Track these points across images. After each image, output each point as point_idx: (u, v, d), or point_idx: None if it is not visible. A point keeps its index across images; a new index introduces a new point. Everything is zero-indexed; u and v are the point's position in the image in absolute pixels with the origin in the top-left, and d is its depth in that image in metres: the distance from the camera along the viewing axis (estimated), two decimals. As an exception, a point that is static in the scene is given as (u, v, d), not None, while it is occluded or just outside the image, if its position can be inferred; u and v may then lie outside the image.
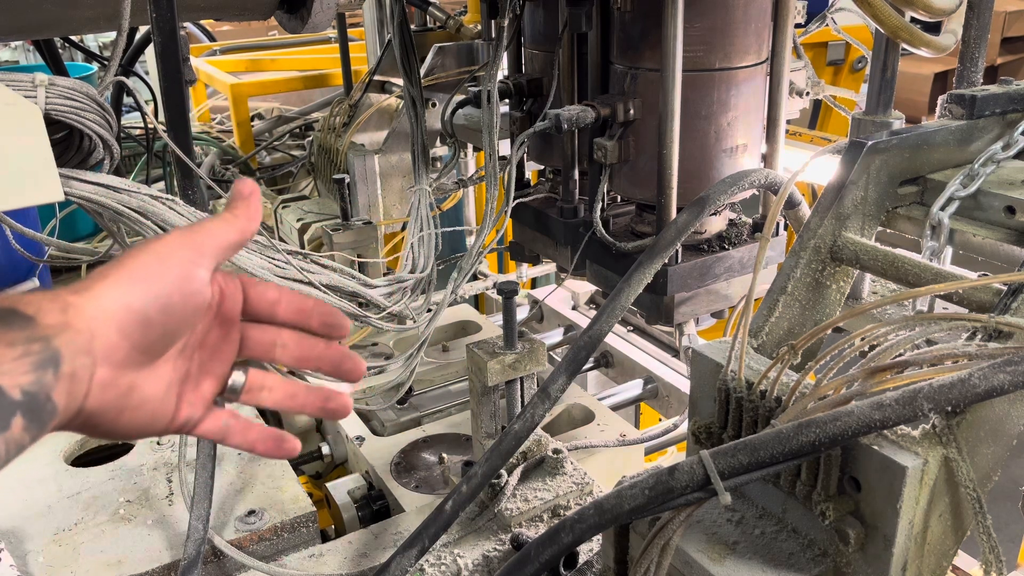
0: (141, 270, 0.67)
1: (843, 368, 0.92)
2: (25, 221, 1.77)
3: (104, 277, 0.66)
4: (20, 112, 1.08)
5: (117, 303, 0.65)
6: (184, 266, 0.70)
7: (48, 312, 0.61)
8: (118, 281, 0.66)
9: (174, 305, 0.69)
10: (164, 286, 0.68)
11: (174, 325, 0.70)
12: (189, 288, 0.70)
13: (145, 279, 0.67)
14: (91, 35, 5.60)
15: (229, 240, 0.75)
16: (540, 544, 0.92)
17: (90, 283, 0.65)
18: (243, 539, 1.54)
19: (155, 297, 0.67)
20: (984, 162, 1.18)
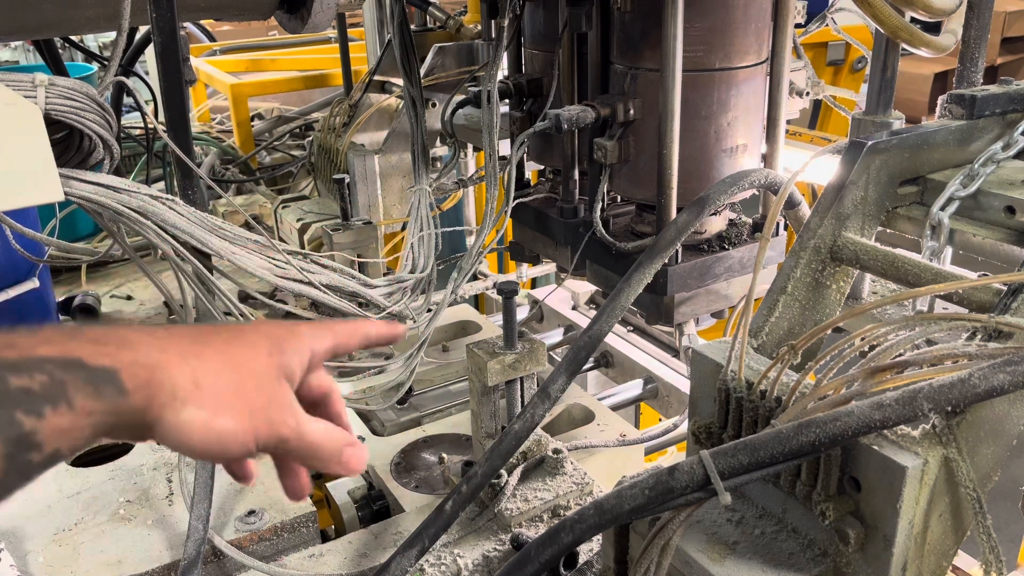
0: (226, 427, 0.67)
1: (843, 368, 0.92)
2: (25, 221, 1.77)
3: (200, 407, 0.65)
4: (20, 112, 1.08)
5: (186, 435, 0.65)
6: (246, 449, 0.70)
7: (140, 397, 0.62)
8: (205, 423, 0.66)
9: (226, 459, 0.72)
10: (225, 451, 0.68)
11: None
12: (275, 438, 0.72)
13: (218, 441, 0.67)
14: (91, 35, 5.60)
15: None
16: (540, 544, 0.92)
17: (188, 398, 0.65)
18: (243, 539, 1.54)
19: (214, 453, 0.68)
20: (984, 162, 1.18)
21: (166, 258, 1.43)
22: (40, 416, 0.55)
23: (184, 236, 1.38)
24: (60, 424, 0.56)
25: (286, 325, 0.78)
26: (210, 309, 1.49)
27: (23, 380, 0.56)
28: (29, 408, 0.55)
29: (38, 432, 0.55)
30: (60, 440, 0.57)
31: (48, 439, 0.56)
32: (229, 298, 1.51)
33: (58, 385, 0.57)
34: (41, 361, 0.57)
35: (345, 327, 0.83)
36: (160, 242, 1.38)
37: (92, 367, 0.59)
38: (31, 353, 0.57)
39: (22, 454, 0.55)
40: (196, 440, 0.65)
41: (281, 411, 0.72)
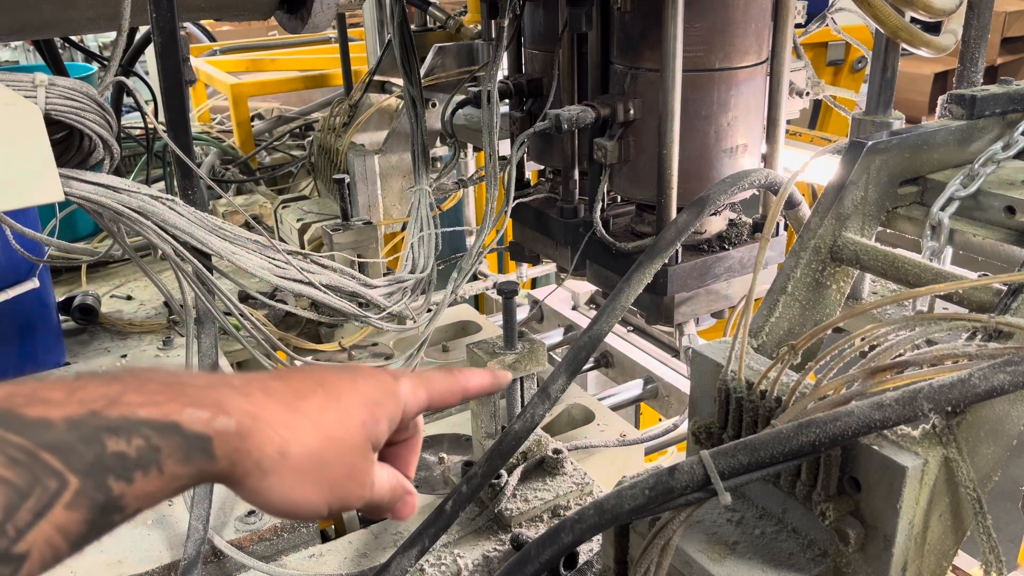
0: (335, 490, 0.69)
1: (843, 368, 0.92)
2: (25, 221, 1.77)
3: (296, 476, 0.66)
4: (20, 112, 1.08)
5: (276, 508, 0.67)
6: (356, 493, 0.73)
7: (228, 462, 0.62)
8: (299, 494, 0.67)
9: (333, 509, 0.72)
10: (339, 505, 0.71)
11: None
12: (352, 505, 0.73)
13: (328, 499, 0.69)
14: (91, 35, 5.60)
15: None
16: (540, 544, 0.92)
17: (282, 469, 0.65)
18: (243, 539, 1.54)
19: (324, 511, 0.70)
20: (984, 162, 1.18)
21: (166, 258, 1.43)
22: (130, 482, 0.56)
23: (184, 236, 1.39)
24: (147, 489, 0.57)
25: (385, 384, 0.76)
26: (210, 309, 1.49)
27: (120, 444, 0.56)
28: (121, 474, 0.55)
29: (125, 496, 0.56)
30: (143, 503, 0.57)
31: (132, 503, 0.57)
32: (229, 298, 1.51)
33: (153, 451, 0.57)
34: (140, 423, 0.57)
35: (444, 383, 0.83)
36: (160, 242, 1.38)
37: (188, 433, 0.59)
38: (133, 414, 0.57)
39: (106, 517, 0.55)
40: (271, 506, 0.67)
41: (360, 484, 0.73)
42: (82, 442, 0.54)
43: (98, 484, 0.54)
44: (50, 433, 0.53)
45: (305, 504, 0.68)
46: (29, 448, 0.52)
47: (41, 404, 0.55)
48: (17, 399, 0.54)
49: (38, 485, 0.52)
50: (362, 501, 0.74)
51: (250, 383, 0.67)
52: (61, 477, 0.53)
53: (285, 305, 1.79)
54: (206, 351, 1.50)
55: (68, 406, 0.55)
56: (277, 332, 2.04)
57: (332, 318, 1.72)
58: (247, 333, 1.61)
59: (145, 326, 2.29)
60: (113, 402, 0.57)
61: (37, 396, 0.55)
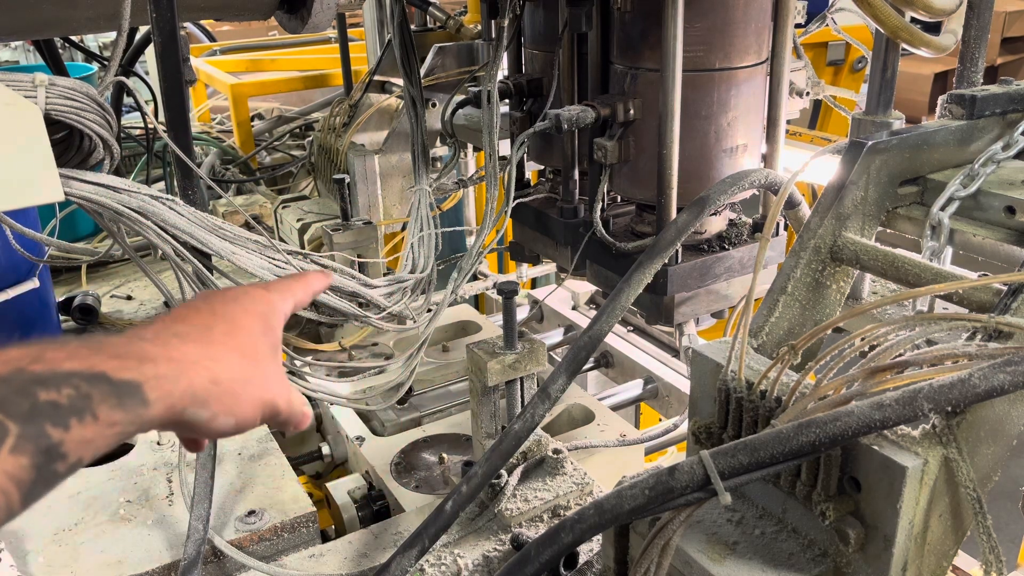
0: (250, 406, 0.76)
1: (843, 368, 0.92)
2: (25, 221, 1.77)
3: (219, 402, 0.72)
4: (20, 112, 1.08)
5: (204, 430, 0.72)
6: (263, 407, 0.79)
7: (162, 405, 0.66)
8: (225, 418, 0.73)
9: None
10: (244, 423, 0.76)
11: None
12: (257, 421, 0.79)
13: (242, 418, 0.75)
14: (91, 35, 5.60)
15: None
16: (540, 544, 0.92)
17: (209, 397, 0.71)
18: (243, 539, 1.54)
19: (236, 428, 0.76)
20: (984, 162, 1.18)
21: (166, 258, 1.43)
22: (67, 428, 0.58)
23: (184, 236, 1.38)
24: (84, 435, 0.59)
25: (260, 296, 0.86)
26: (210, 309, 1.49)
27: (51, 394, 0.58)
28: (56, 421, 0.58)
29: (64, 443, 0.58)
30: (84, 450, 0.60)
31: (73, 449, 0.59)
32: (229, 298, 1.50)
33: (84, 398, 0.60)
34: (68, 375, 0.60)
35: (295, 285, 0.95)
36: (160, 242, 1.38)
37: (116, 381, 0.63)
38: (58, 367, 0.60)
39: (49, 464, 0.58)
40: (218, 431, 0.73)
41: (281, 387, 0.81)
42: (15, 394, 0.57)
43: (37, 430, 0.57)
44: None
45: (246, 419, 0.75)
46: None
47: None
48: None
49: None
50: (287, 404, 0.81)
51: (160, 333, 0.73)
52: (2, 426, 0.55)
53: (285, 305, 1.78)
54: (206, 351, 1.49)
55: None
56: (277, 332, 2.03)
57: (332, 318, 1.72)
58: (247, 333, 1.61)
59: (145, 326, 2.28)
60: (36, 359, 0.60)
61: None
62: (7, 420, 0.56)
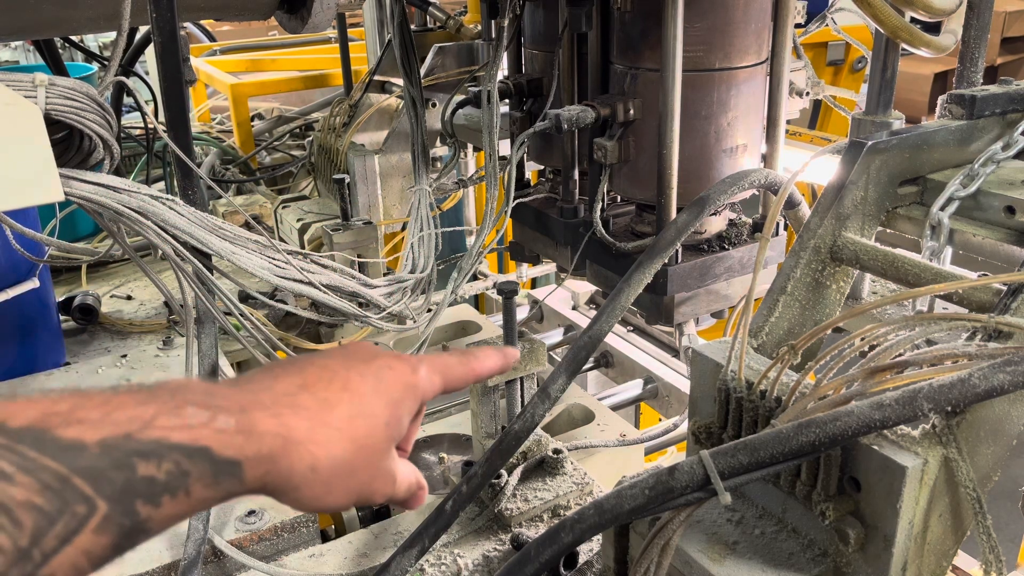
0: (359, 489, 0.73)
1: (843, 368, 0.92)
2: (25, 221, 1.77)
3: (327, 483, 0.69)
4: (20, 112, 1.08)
5: (322, 503, 0.71)
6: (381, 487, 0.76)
7: (257, 480, 0.64)
8: (335, 495, 0.71)
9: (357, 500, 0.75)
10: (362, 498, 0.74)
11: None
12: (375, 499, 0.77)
13: (355, 495, 0.73)
14: (91, 35, 5.60)
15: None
16: (540, 544, 0.92)
17: (312, 481, 0.68)
18: (243, 539, 1.54)
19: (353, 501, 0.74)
20: (984, 162, 1.18)
21: (166, 258, 1.43)
22: (157, 506, 0.57)
23: (184, 236, 1.38)
24: (173, 512, 0.58)
25: (405, 378, 0.78)
26: (210, 309, 1.49)
27: (151, 469, 0.56)
28: (149, 498, 0.56)
29: (152, 520, 0.57)
30: (167, 524, 0.58)
31: (157, 526, 0.57)
32: (229, 298, 1.51)
33: (182, 475, 0.58)
34: (171, 448, 0.58)
35: (458, 369, 0.85)
36: (160, 242, 1.38)
37: (218, 459, 0.60)
38: (164, 438, 0.58)
39: (130, 540, 0.56)
40: (300, 509, 0.71)
41: (384, 483, 0.76)
42: (113, 467, 0.55)
43: (126, 509, 0.55)
44: (83, 458, 0.54)
45: (334, 505, 0.72)
46: (62, 474, 0.53)
47: (77, 425, 0.55)
48: (54, 419, 0.55)
49: (67, 511, 0.52)
50: (385, 497, 0.77)
51: (279, 400, 0.68)
52: (91, 503, 0.53)
53: (285, 305, 1.79)
54: (206, 351, 1.50)
55: (103, 427, 0.56)
56: (277, 332, 2.04)
57: (332, 318, 1.72)
58: (247, 333, 1.61)
59: (145, 326, 2.29)
60: (147, 424, 0.57)
61: (74, 416, 0.55)
62: (97, 498, 0.53)
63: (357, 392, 0.73)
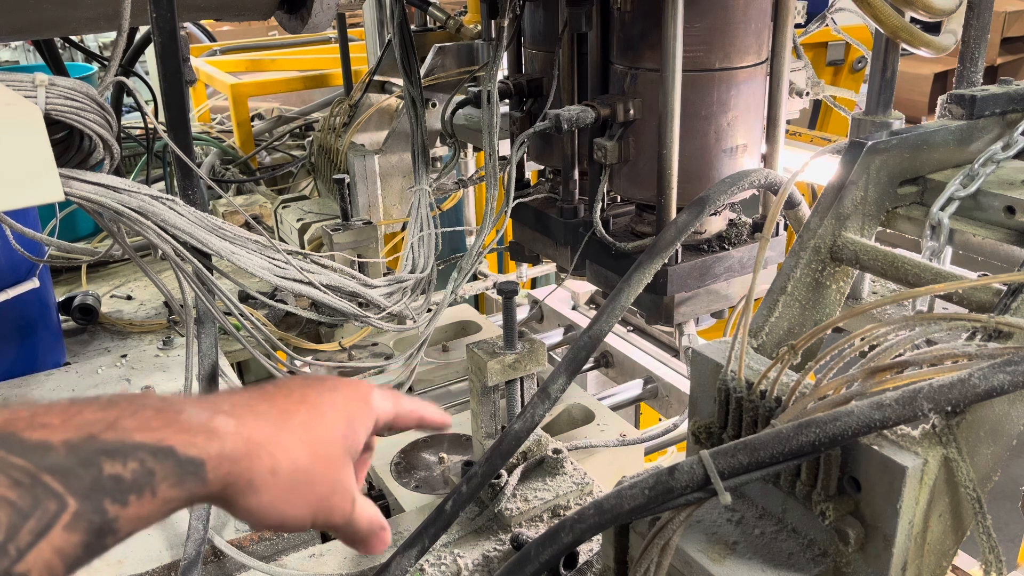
0: (319, 498, 0.73)
1: (843, 368, 0.92)
2: (25, 221, 1.77)
3: (288, 489, 0.69)
4: (20, 112, 1.08)
5: (276, 515, 0.70)
6: (341, 502, 0.75)
7: (220, 483, 0.64)
8: (293, 505, 0.70)
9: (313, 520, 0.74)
10: (320, 516, 0.74)
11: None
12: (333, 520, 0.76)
13: (315, 507, 0.73)
14: (91, 35, 5.60)
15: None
16: (540, 544, 0.92)
17: (270, 485, 0.68)
18: (243, 539, 1.54)
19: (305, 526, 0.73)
20: (984, 162, 1.18)
21: (166, 258, 1.43)
22: (125, 505, 0.57)
23: (184, 236, 1.38)
24: (140, 512, 0.58)
25: (359, 395, 0.81)
26: (210, 309, 1.49)
27: (117, 467, 0.57)
28: (116, 497, 0.57)
29: (119, 519, 0.57)
30: (135, 526, 0.59)
31: (125, 526, 0.58)
32: (229, 298, 1.51)
33: (148, 474, 0.59)
34: (136, 447, 0.59)
35: (409, 404, 0.88)
36: (160, 242, 1.38)
37: (182, 457, 0.61)
38: (128, 438, 0.59)
39: (100, 540, 0.56)
40: (262, 522, 0.70)
41: (343, 499, 0.76)
42: (80, 465, 0.56)
43: (95, 507, 0.55)
44: (50, 456, 0.55)
45: (294, 518, 0.71)
46: (31, 470, 0.54)
47: (41, 428, 0.56)
48: (18, 423, 0.56)
49: (39, 507, 0.53)
50: (344, 516, 0.77)
51: (239, 407, 0.69)
52: (61, 499, 0.54)
53: (285, 305, 1.79)
54: (206, 351, 1.50)
55: (67, 430, 0.57)
56: (277, 332, 2.04)
57: (332, 318, 1.72)
58: (247, 333, 1.61)
59: (145, 326, 2.29)
60: (110, 426, 0.59)
61: (37, 421, 0.57)
62: (67, 495, 0.54)
63: (314, 404, 0.75)
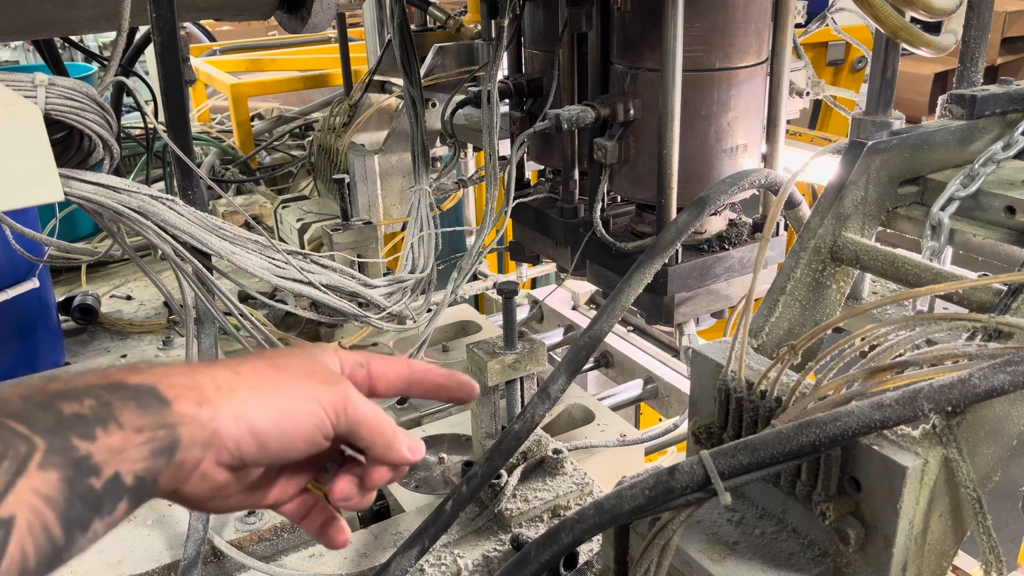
0: (283, 396, 0.69)
1: (843, 368, 0.92)
2: (25, 221, 1.78)
3: (252, 387, 0.68)
4: (20, 112, 1.08)
5: (246, 420, 0.66)
6: (317, 409, 0.70)
7: (184, 400, 0.64)
8: (260, 399, 0.68)
9: (292, 438, 0.69)
10: (291, 422, 0.69)
11: (283, 451, 0.70)
12: (309, 428, 0.70)
13: (280, 408, 0.69)
14: (91, 35, 5.60)
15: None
16: (540, 544, 0.92)
17: (235, 384, 0.67)
18: (243, 539, 1.54)
19: (279, 428, 0.68)
20: (984, 162, 1.18)
21: (166, 258, 1.43)
22: (93, 439, 0.57)
23: (184, 236, 1.38)
24: (112, 444, 0.58)
25: (326, 350, 0.79)
26: (210, 309, 1.49)
27: (74, 406, 0.58)
28: (82, 432, 0.57)
29: (93, 455, 0.57)
30: (116, 461, 0.58)
31: (103, 460, 0.58)
32: (229, 298, 1.51)
33: (106, 407, 0.59)
34: (87, 387, 0.60)
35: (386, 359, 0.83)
36: (160, 242, 1.38)
37: (135, 386, 0.62)
38: (75, 383, 0.60)
39: (82, 479, 0.56)
40: (263, 421, 0.67)
41: (348, 390, 0.72)
42: (39, 408, 0.57)
43: (64, 444, 0.56)
44: (9, 406, 0.57)
45: (300, 409, 0.68)
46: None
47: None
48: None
49: (10, 449, 0.54)
50: (369, 412, 0.72)
51: (186, 367, 0.70)
52: (28, 440, 0.55)
53: (285, 305, 1.79)
54: (206, 351, 1.50)
55: (19, 389, 0.59)
56: (277, 332, 2.04)
57: (332, 318, 1.72)
58: (247, 333, 1.61)
59: (145, 326, 2.29)
60: (55, 380, 0.61)
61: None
62: (33, 435, 0.55)
63: (269, 355, 0.75)
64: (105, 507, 0.58)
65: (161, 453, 0.61)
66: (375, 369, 0.80)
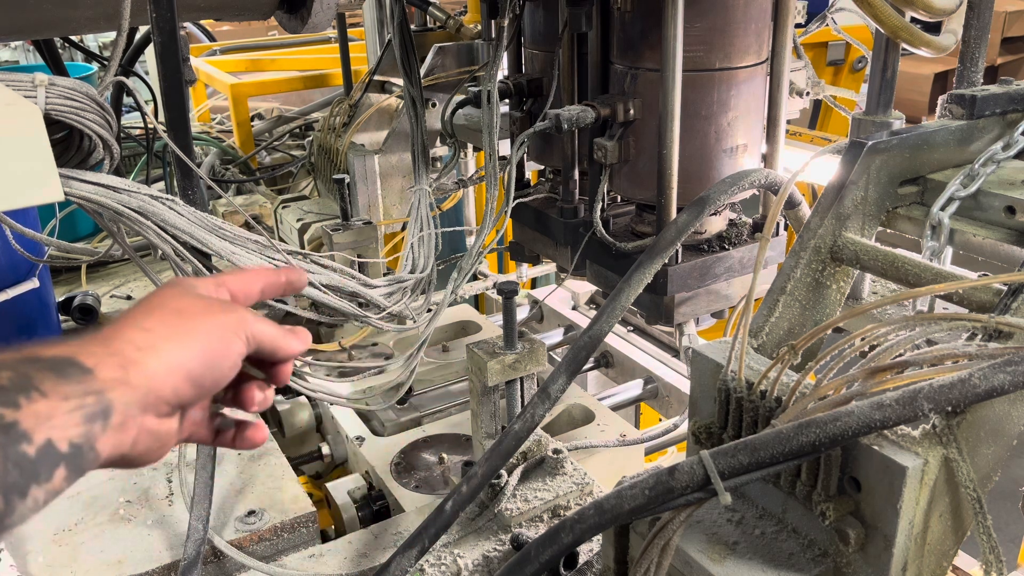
0: (201, 337, 0.74)
1: (843, 368, 0.92)
2: (25, 221, 1.78)
3: (168, 338, 0.71)
4: (20, 112, 1.08)
5: (179, 367, 0.71)
6: (231, 337, 0.77)
7: (107, 366, 0.66)
8: (182, 346, 0.72)
9: (222, 370, 0.76)
10: (217, 356, 0.75)
11: (216, 383, 0.76)
12: (232, 357, 0.77)
13: (203, 348, 0.73)
14: (91, 35, 5.60)
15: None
16: (540, 544, 0.92)
17: (152, 341, 0.70)
18: (243, 539, 1.54)
19: (209, 366, 0.74)
20: (984, 162, 1.18)
21: (166, 258, 1.43)
22: (17, 406, 0.58)
23: (184, 236, 1.38)
24: (38, 410, 0.59)
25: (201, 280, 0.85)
26: (210, 309, 1.49)
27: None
28: (5, 400, 0.58)
29: (20, 422, 0.58)
30: (46, 428, 0.59)
31: (32, 426, 0.59)
32: (229, 298, 1.50)
33: (23, 377, 0.61)
34: (2, 363, 0.61)
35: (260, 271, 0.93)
36: (160, 242, 1.38)
37: (47, 357, 0.64)
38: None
39: (13, 445, 0.57)
40: (193, 363, 0.72)
41: (241, 311, 0.79)
42: None
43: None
44: None
45: (217, 341, 0.74)
46: None
47: None
48: None
49: None
50: (269, 328, 0.79)
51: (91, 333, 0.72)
52: None
53: (285, 305, 1.79)
54: (206, 351, 1.50)
55: None
56: (277, 332, 2.03)
57: (332, 318, 1.72)
58: (247, 333, 1.61)
59: (145, 326, 2.28)
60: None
61: None
62: None
63: (154, 297, 0.78)
64: (42, 474, 0.59)
65: (94, 418, 0.63)
66: (232, 287, 0.86)
